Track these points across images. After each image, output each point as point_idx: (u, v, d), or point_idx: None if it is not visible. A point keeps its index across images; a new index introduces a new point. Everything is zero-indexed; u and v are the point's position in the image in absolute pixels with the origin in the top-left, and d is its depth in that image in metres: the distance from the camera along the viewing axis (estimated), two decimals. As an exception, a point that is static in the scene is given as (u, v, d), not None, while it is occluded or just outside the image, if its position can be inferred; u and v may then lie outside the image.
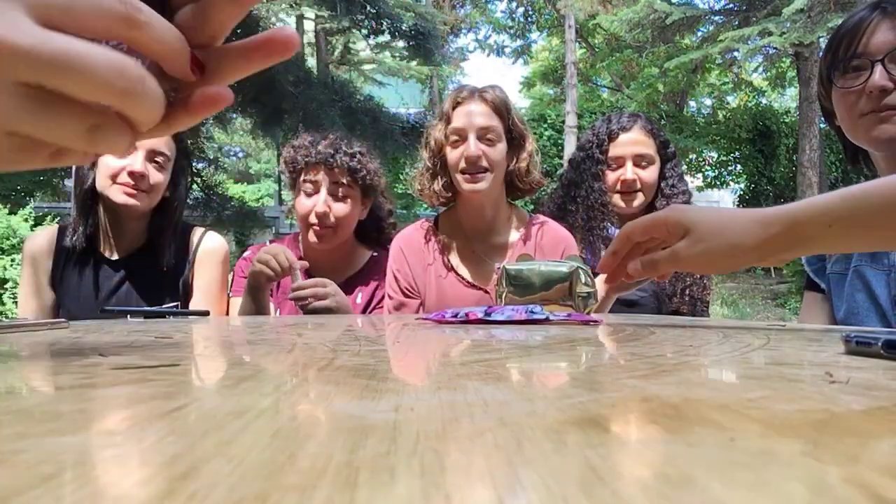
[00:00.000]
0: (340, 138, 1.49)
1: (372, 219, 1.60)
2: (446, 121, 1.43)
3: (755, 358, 0.44)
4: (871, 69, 0.97)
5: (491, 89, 1.44)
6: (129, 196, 1.36)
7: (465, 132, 1.39)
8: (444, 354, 0.50)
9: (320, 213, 1.45)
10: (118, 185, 1.35)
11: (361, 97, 4.64)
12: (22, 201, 10.70)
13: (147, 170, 1.37)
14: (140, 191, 1.37)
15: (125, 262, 1.48)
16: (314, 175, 1.46)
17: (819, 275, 1.17)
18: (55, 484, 0.15)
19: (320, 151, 1.45)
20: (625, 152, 1.59)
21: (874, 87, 0.96)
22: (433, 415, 0.23)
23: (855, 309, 1.05)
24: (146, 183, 1.37)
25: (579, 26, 15.47)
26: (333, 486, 0.15)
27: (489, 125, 1.39)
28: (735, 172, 15.18)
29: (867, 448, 0.19)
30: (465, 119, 1.40)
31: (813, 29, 10.18)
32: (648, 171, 1.59)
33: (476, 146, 1.38)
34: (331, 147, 1.46)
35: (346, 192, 1.48)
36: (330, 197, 1.46)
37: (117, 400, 0.28)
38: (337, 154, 1.45)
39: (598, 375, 0.38)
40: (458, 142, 1.40)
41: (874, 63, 0.97)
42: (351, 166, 1.45)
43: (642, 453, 0.18)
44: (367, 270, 1.58)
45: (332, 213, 1.46)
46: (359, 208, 1.53)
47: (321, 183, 1.46)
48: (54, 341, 0.60)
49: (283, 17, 14.26)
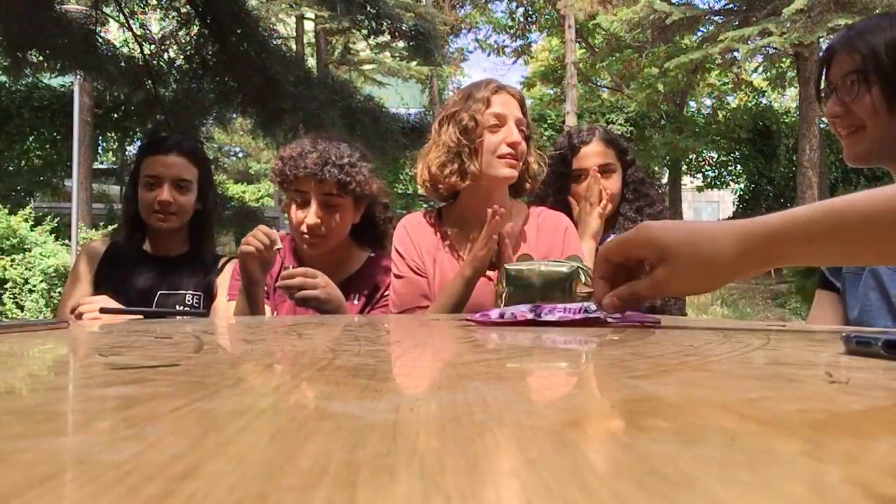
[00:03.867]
0: (329, 148, 1.45)
1: (367, 218, 1.59)
2: (486, 104, 1.43)
3: (755, 358, 0.44)
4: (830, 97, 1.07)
5: (512, 87, 1.49)
6: (163, 221, 1.63)
7: (506, 119, 1.42)
8: (445, 354, 0.50)
9: (311, 225, 1.44)
10: (154, 214, 1.62)
11: (361, 97, 4.63)
12: (22, 201, 10.71)
13: (173, 197, 1.61)
14: (170, 213, 1.62)
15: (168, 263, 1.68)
16: (304, 187, 1.44)
17: (835, 274, 1.17)
18: (55, 484, 0.15)
19: (308, 165, 1.42)
20: (587, 164, 1.67)
21: (827, 115, 1.07)
22: (433, 415, 0.23)
23: (868, 308, 1.06)
24: (174, 207, 1.62)
25: (579, 26, 15.48)
26: (333, 486, 0.15)
27: (522, 117, 1.44)
28: (735, 172, 15.19)
29: (867, 448, 0.19)
30: (505, 107, 1.43)
31: (813, 29, 10.19)
32: (612, 181, 1.68)
33: (517, 132, 1.41)
34: (320, 159, 1.42)
35: (337, 202, 1.46)
36: (320, 208, 1.45)
37: (117, 400, 0.28)
38: (326, 167, 1.42)
39: (598, 375, 0.38)
40: (497, 127, 1.42)
41: (832, 91, 1.06)
42: (340, 179, 1.42)
43: (642, 453, 0.18)
44: (365, 272, 1.56)
45: (323, 225, 1.45)
46: (351, 215, 1.51)
47: (311, 195, 1.44)
48: (54, 341, 0.60)
49: (282, 17, 14.29)
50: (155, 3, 4.02)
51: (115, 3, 3.89)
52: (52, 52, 3.68)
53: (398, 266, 1.48)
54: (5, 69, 4.14)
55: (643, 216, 1.68)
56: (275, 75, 3.78)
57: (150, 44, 3.97)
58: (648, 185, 1.75)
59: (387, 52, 14.40)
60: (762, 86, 18.02)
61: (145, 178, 1.61)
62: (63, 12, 3.77)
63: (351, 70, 14.78)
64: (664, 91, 15.63)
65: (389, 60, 14.79)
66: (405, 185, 13.24)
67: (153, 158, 1.63)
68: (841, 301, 1.15)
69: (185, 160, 1.64)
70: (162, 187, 1.61)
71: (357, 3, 4.42)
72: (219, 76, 3.96)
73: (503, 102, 1.43)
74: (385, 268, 1.55)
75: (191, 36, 3.93)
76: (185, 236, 1.72)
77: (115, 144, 12.35)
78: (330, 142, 1.48)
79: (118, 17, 3.97)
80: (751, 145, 14.33)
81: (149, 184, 1.61)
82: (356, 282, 1.54)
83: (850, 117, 1.04)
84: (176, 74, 4.02)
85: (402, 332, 0.74)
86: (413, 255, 1.47)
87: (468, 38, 38.94)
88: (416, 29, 4.93)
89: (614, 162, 1.69)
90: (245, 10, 3.91)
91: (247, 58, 3.82)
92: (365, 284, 1.54)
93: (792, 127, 14.02)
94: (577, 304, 0.83)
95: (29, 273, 8.38)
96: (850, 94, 1.02)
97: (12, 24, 3.44)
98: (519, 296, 1.02)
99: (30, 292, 8.32)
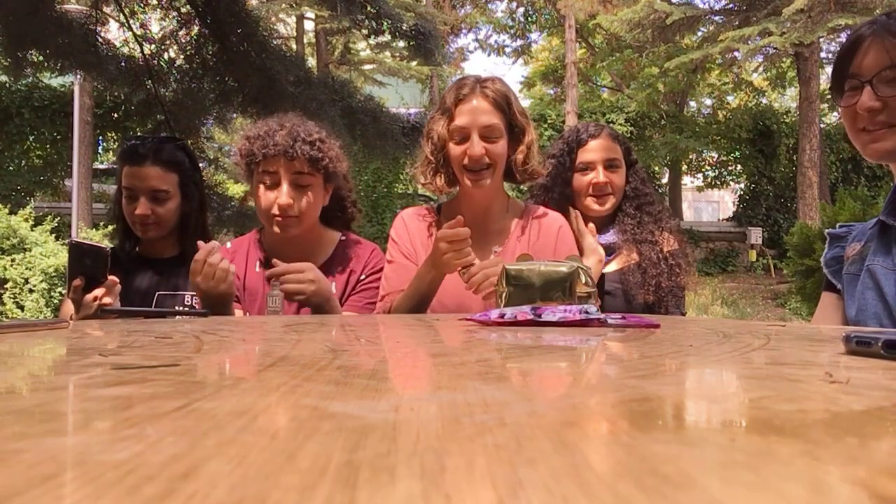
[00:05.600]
0: (297, 125, 1.42)
1: (335, 200, 1.56)
2: (449, 117, 1.43)
3: (755, 358, 0.44)
4: (862, 90, 1.03)
5: (491, 83, 1.45)
6: (145, 231, 1.62)
7: (469, 131, 1.40)
8: (444, 354, 0.50)
9: (283, 205, 1.40)
10: (136, 225, 1.61)
11: (361, 97, 4.62)
12: (22, 201, 10.71)
13: (151, 209, 1.59)
14: (151, 223, 1.60)
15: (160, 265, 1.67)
16: (273, 167, 1.40)
17: (836, 276, 1.17)
18: (55, 484, 0.15)
19: (278, 142, 1.38)
20: (595, 157, 1.69)
21: (862, 108, 1.03)
22: (433, 415, 0.23)
23: (864, 307, 1.06)
24: (152, 218, 1.60)
25: (579, 26, 15.48)
26: (333, 486, 0.15)
27: (491, 123, 1.40)
28: (735, 172, 15.19)
29: (867, 448, 0.19)
30: (468, 117, 1.40)
31: (813, 29, 10.18)
32: (618, 175, 1.71)
33: (479, 145, 1.39)
34: (289, 136, 1.39)
35: (308, 180, 1.42)
36: (292, 188, 1.41)
37: (117, 400, 0.28)
38: (296, 143, 1.38)
39: (598, 375, 0.38)
40: (461, 139, 1.41)
41: (864, 84, 1.03)
42: (311, 155, 1.39)
43: (642, 453, 0.18)
44: (339, 256, 1.54)
45: (296, 205, 1.41)
46: (321, 195, 1.48)
47: (281, 174, 1.40)
48: (55, 341, 0.60)
49: (282, 17, 14.30)
50: (155, 3, 4.02)
51: (115, 3, 3.89)
52: (52, 52, 3.68)
53: (391, 252, 1.50)
54: (5, 69, 4.14)
55: (643, 213, 1.70)
56: (275, 75, 3.78)
57: (150, 44, 3.97)
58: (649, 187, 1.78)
59: (387, 52, 14.41)
60: (762, 86, 18.02)
61: (124, 188, 1.59)
62: (63, 12, 3.77)
63: (351, 70, 14.78)
64: (664, 91, 15.63)
65: (389, 60, 14.79)
66: (405, 185, 13.23)
67: (129, 170, 1.59)
68: (843, 302, 1.15)
69: (160, 169, 1.59)
70: (138, 200, 1.58)
71: (357, 3, 4.42)
72: (219, 76, 3.96)
73: (469, 111, 1.41)
74: (359, 252, 1.54)
75: (191, 36, 3.93)
76: (175, 240, 1.69)
77: (115, 144, 12.34)
78: (295, 120, 1.45)
79: (118, 17, 3.98)
80: (751, 145, 14.32)
81: (128, 195, 1.59)
82: (331, 268, 1.51)
83: (888, 112, 1.01)
84: (176, 74, 4.02)
85: (402, 333, 0.74)
86: (406, 242, 1.49)
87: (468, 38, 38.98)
88: (417, 29, 4.93)
89: (620, 158, 1.71)
90: (245, 10, 3.91)
91: (247, 58, 3.82)
92: (342, 269, 1.52)
93: (792, 127, 14.01)
94: (578, 306, 0.83)
95: (29, 273, 8.39)
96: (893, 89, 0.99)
97: (12, 24, 3.44)
98: (519, 296, 1.02)
99: (30, 292, 8.33)
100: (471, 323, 0.83)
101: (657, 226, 1.70)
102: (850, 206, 6.24)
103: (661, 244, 1.67)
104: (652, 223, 1.69)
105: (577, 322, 0.78)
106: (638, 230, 1.68)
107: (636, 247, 1.67)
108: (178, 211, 1.64)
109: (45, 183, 12.14)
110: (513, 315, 0.80)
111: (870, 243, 1.10)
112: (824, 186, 12.46)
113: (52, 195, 12.23)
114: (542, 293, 1.02)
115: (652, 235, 1.67)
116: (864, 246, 1.12)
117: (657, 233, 1.68)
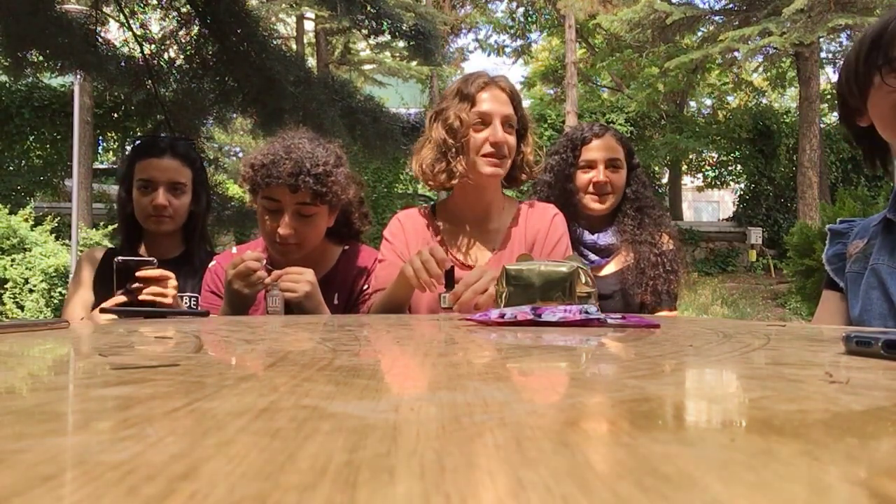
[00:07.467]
0: (304, 156, 1.35)
1: (341, 215, 1.52)
2: (471, 102, 1.43)
3: (755, 358, 0.44)
4: None
5: (502, 79, 1.48)
6: (159, 223, 1.62)
7: (491, 117, 1.41)
8: (444, 354, 0.50)
9: (284, 235, 1.37)
10: (150, 218, 1.62)
11: (361, 97, 4.63)
12: (22, 201, 10.71)
13: (168, 200, 1.61)
14: (165, 216, 1.62)
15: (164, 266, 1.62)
16: (276, 195, 1.36)
17: (839, 274, 1.16)
18: (55, 484, 0.15)
19: (281, 176, 1.33)
20: (597, 156, 1.72)
21: None
22: (433, 415, 0.23)
23: (869, 306, 1.04)
24: (169, 210, 1.62)
25: (579, 26, 15.47)
26: (333, 486, 0.15)
27: (509, 113, 1.43)
28: (735, 172, 15.19)
29: (867, 448, 0.19)
30: (492, 104, 1.42)
31: (813, 29, 10.18)
32: (619, 175, 1.73)
33: (502, 132, 1.41)
34: (294, 169, 1.33)
35: (312, 210, 1.38)
36: (293, 218, 1.37)
37: (117, 400, 0.28)
38: (300, 177, 1.33)
39: (598, 375, 0.38)
40: (482, 125, 1.42)
41: None
42: (315, 190, 1.34)
43: (642, 453, 0.18)
44: (341, 268, 1.53)
45: (297, 234, 1.38)
46: (325, 221, 1.44)
47: (284, 203, 1.37)
48: (54, 341, 0.60)
49: (282, 17, 14.29)
50: (155, 3, 4.02)
51: (115, 3, 3.89)
52: (52, 52, 3.68)
53: (384, 251, 1.49)
54: (5, 69, 4.14)
55: (644, 216, 1.72)
56: (275, 75, 3.78)
57: (150, 44, 3.97)
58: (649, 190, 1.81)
59: (387, 52, 14.41)
60: (762, 86, 18.02)
61: (140, 181, 1.60)
62: (63, 12, 3.77)
63: (351, 70, 14.78)
64: (664, 91, 15.62)
65: (389, 60, 14.79)
66: (405, 185, 13.23)
67: (147, 161, 1.60)
68: (845, 300, 1.14)
69: (179, 163, 1.62)
70: (157, 191, 1.60)
71: (357, 3, 4.42)
72: (219, 76, 3.96)
73: (490, 99, 1.43)
74: (361, 262, 1.53)
75: (191, 36, 3.93)
76: (181, 238, 1.71)
77: (115, 144, 12.35)
78: (303, 146, 1.39)
79: (118, 17, 3.98)
80: (751, 145, 14.32)
81: (143, 187, 1.59)
82: (333, 279, 1.50)
83: None
84: (176, 74, 4.02)
85: (402, 333, 0.74)
86: (400, 242, 1.49)
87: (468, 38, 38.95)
88: (417, 29, 4.93)
89: (622, 159, 1.74)
90: (245, 10, 3.91)
91: (247, 58, 3.82)
92: (343, 280, 1.51)
93: (792, 127, 14.01)
94: (578, 306, 0.83)
95: (29, 273, 8.40)
96: None
97: (12, 24, 3.44)
98: (519, 296, 1.02)
99: (30, 292, 8.33)
100: (471, 323, 0.83)
101: (657, 228, 1.71)
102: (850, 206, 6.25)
103: (660, 246, 1.69)
104: (652, 225, 1.71)
105: (577, 322, 0.78)
106: (637, 231, 1.69)
107: (634, 248, 1.68)
108: (188, 208, 1.67)
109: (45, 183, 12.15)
110: (513, 315, 0.80)
111: (873, 241, 1.08)
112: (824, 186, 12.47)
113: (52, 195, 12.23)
114: (542, 293, 1.02)
115: (651, 237, 1.69)
116: (867, 243, 1.10)
117: (656, 235, 1.70)
